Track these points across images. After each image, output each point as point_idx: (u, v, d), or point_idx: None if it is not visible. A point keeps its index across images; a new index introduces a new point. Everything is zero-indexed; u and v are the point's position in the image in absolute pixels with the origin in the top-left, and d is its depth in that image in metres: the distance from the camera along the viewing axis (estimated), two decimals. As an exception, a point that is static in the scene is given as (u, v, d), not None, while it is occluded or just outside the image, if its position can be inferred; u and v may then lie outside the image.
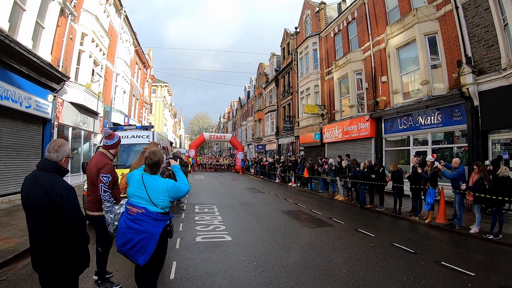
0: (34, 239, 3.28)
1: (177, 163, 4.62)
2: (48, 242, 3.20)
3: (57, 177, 3.31)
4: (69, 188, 3.29)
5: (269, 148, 42.85)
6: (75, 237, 3.29)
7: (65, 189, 3.22)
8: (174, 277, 5.72)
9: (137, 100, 34.52)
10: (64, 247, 3.24)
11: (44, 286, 3.35)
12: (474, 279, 5.94)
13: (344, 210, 13.90)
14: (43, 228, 3.19)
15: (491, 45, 12.10)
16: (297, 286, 5.56)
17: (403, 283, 5.75)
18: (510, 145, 12.00)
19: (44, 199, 3.13)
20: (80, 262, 3.47)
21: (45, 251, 3.22)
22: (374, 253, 7.67)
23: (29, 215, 3.26)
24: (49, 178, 3.23)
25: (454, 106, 14.00)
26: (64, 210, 3.14)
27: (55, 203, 3.12)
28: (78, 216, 3.25)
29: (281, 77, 38.54)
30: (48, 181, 3.20)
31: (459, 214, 9.92)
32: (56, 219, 3.16)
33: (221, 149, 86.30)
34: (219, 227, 9.93)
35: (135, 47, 31.93)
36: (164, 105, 58.36)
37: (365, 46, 20.87)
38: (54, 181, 3.22)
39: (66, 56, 16.03)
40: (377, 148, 19.52)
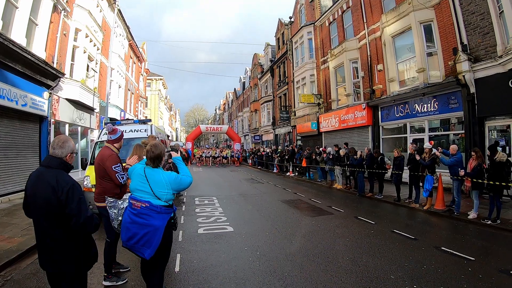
0: (40, 237, 3.28)
1: (178, 155, 4.67)
2: (55, 240, 3.21)
3: (63, 173, 3.30)
4: (75, 183, 3.27)
5: (266, 139, 42.90)
6: (81, 232, 3.29)
7: (71, 185, 3.20)
8: (179, 269, 5.80)
9: (132, 94, 34.39)
10: (71, 244, 3.26)
11: (52, 284, 3.39)
12: (474, 264, 6.08)
13: (343, 198, 14.04)
14: (49, 226, 3.20)
15: (487, 32, 12.16)
16: (301, 274, 5.66)
17: (405, 268, 5.89)
18: (506, 131, 12.12)
19: (50, 196, 3.11)
20: (88, 258, 3.48)
21: (52, 249, 3.23)
22: (375, 240, 7.80)
23: (35, 213, 3.26)
24: (55, 174, 3.21)
25: (451, 94, 14.11)
26: (68, 205, 3.12)
27: (61, 199, 3.10)
28: (83, 211, 3.21)
29: (277, 67, 38.49)
30: (53, 177, 3.18)
31: (457, 200, 10.07)
32: (62, 216, 3.15)
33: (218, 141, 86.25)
34: (220, 218, 10.02)
35: (129, 41, 31.69)
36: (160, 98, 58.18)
37: (361, 35, 20.88)
38: (60, 177, 3.21)
39: (60, 53, 15.90)
40: (374, 136, 19.67)
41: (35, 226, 3.27)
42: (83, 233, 3.33)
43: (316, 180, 19.78)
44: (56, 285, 3.37)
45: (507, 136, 12.00)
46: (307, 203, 12.74)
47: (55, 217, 3.16)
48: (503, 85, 11.51)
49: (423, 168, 11.01)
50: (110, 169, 5.17)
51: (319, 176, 19.85)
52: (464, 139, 13.64)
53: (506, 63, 11.18)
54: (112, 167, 5.17)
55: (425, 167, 10.86)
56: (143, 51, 41.57)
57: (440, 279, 5.39)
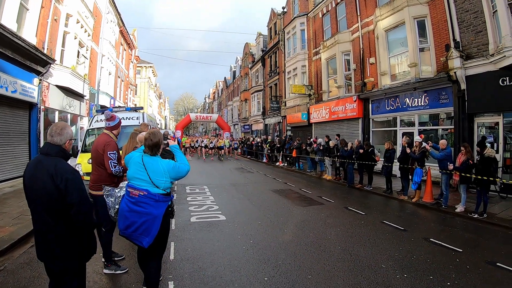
0: (37, 227, 3.22)
1: (175, 143, 4.71)
2: (53, 230, 3.14)
3: (62, 161, 3.23)
4: (74, 171, 3.21)
5: (255, 128, 42.99)
6: (80, 223, 3.21)
7: (70, 173, 3.14)
8: (174, 258, 5.88)
9: (122, 81, 34.05)
10: (69, 235, 3.19)
11: (51, 274, 3.35)
12: (461, 255, 6.32)
13: (333, 189, 14.26)
14: (47, 215, 3.12)
15: (480, 31, 12.34)
16: (294, 263, 5.83)
17: (395, 258, 6.10)
18: (494, 128, 12.38)
19: (48, 184, 3.05)
20: (87, 249, 3.44)
21: (49, 240, 3.16)
22: (366, 230, 8.03)
23: (33, 203, 3.18)
24: (54, 162, 3.15)
25: (442, 89, 14.32)
26: (69, 194, 3.06)
27: (60, 187, 3.04)
28: (84, 200, 3.17)
29: (268, 57, 38.38)
30: (52, 165, 3.12)
31: (446, 194, 10.32)
32: (61, 205, 3.08)
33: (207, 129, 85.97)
34: (212, 207, 10.14)
35: (120, 28, 31.24)
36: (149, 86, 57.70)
37: (354, 28, 20.91)
38: (58, 165, 3.15)
39: (51, 38, 15.62)
40: (364, 129, 19.85)
41: (33, 217, 3.22)
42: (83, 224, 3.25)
43: (306, 171, 19.97)
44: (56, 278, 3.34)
45: (495, 133, 12.26)
46: (298, 193, 12.93)
47: (54, 207, 3.10)
48: (493, 83, 11.73)
49: (413, 161, 11.23)
50: (106, 155, 5.18)
51: (308, 167, 20.01)
52: (453, 134, 13.88)
53: (497, 61, 11.37)
54: (108, 153, 5.17)
55: (415, 160, 11.08)
56: (133, 38, 41.13)
57: (429, 269, 5.61)
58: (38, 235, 3.22)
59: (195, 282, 4.98)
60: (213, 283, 4.97)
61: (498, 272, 5.55)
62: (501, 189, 11.21)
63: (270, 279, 5.12)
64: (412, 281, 5.12)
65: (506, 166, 11.87)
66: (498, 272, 5.55)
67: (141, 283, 4.78)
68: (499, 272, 5.57)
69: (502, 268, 5.69)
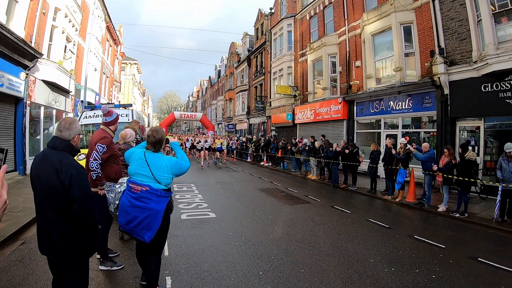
0: (41, 221, 3.21)
1: (175, 140, 4.82)
2: (56, 224, 3.12)
3: (68, 155, 3.22)
4: (79, 167, 3.19)
5: (239, 128, 43.08)
6: (83, 219, 3.18)
7: (75, 168, 3.12)
8: (168, 254, 5.96)
9: (107, 78, 33.51)
10: (73, 232, 3.19)
11: (54, 269, 3.34)
12: (444, 251, 6.67)
13: (318, 188, 14.56)
14: (51, 212, 3.11)
15: (464, 38, 12.79)
16: (287, 258, 6.04)
17: (382, 253, 6.40)
18: (475, 132, 12.86)
19: (53, 179, 3.03)
20: (91, 246, 3.45)
21: (54, 238, 3.14)
22: (352, 227, 8.32)
23: (38, 198, 3.18)
24: (59, 156, 3.15)
25: (425, 93, 14.75)
26: (72, 189, 3.03)
27: (64, 183, 3.02)
28: (87, 196, 3.16)
29: (254, 57, 38.54)
30: (58, 160, 3.11)
31: (428, 194, 10.72)
32: (65, 201, 3.06)
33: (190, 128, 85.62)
34: (201, 204, 10.24)
35: (107, 23, 30.73)
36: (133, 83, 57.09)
37: (341, 31, 21.23)
38: (64, 159, 3.13)
39: (38, 32, 15.26)
40: (348, 130, 20.20)
41: (38, 214, 3.21)
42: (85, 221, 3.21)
43: (291, 171, 20.24)
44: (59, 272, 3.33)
45: (476, 137, 12.74)
46: (284, 192, 13.17)
47: (59, 203, 3.08)
48: (476, 89, 12.21)
49: (397, 161, 11.59)
50: (95, 146, 5.14)
51: (293, 167, 20.29)
52: (435, 137, 14.35)
53: (480, 68, 11.81)
54: (97, 145, 5.12)
55: (399, 161, 11.44)
56: (119, 34, 40.70)
57: (415, 263, 5.92)
58: (43, 232, 3.21)
59: (192, 277, 5.08)
60: (210, 277, 5.09)
61: (479, 267, 5.90)
62: (481, 190, 11.70)
63: (265, 273, 5.30)
64: (399, 274, 5.41)
65: (486, 168, 12.37)
66: (480, 267, 5.90)
67: (138, 278, 4.88)
68: (481, 266, 5.92)
69: (483, 262, 6.04)
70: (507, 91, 11.28)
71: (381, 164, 12.76)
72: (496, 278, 5.42)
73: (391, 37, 16.23)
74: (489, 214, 9.35)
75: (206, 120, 41.90)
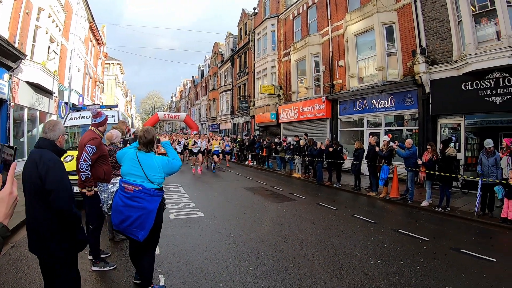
0: (30, 220, 3.31)
1: (167, 140, 4.91)
2: (44, 222, 3.23)
3: (49, 152, 3.34)
4: (57, 161, 3.31)
5: (223, 128, 43.03)
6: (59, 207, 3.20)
7: (52, 162, 3.24)
8: (160, 253, 5.99)
9: (90, 78, 33.09)
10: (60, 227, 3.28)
11: (45, 269, 3.42)
12: (428, 243, 6.91)
13: (303, 186, 14.72)
14: (34, 204, 3.24)
15: (445, 38, 13.13)
16: (276, 253, 6.17)
17: (368, 247, 6.58)
18: (456, 129, 13.22)
19: (34, 173, 3.17)
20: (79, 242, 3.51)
21: (41, 232, 3.24)
22: (338, 223, 8.50)
23: (26, 194, 3.29)
24: (41, 152, 3.30)
25: (407, 92, 15.06)
26: (48, 181, 3.14)
27: (41, 175, 3.13)
28: (62, 187, 3.22)
29: (237, 57, 38.54)
30: (38, 155, 3.26)
31: (411, 190, 10.98)
32: (44, 194, 3.16)
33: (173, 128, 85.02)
34: (189, 204, 10.29)
35: (90, 23, 30.36)
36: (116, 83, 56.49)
37: (324, 31, 21.45)
38: (44, 154, 3.27)
39: (22, 33, 15.07)
40: (332, 129, 20.47)
41: (27, 211, 3.31)
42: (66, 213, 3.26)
43: (275, 169, 20.38)
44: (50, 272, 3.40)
45: (457, 134, 13.10)
46: (270, 190, 13.28)
47: (37, 195, 3.20)
48: (456, 87, 12.55)
49: (380, 159, 11.83)
50: (84, 148, 5.19)
51: (278, 165, 20.47)
52: (417, 135, 14.67)
53: (460, 67, 12.14)
54: (86, 146, 5.17)
55: (382, 158, 11.68)
56: (102, 34, 40.24)
57: (400, 255, 6.11)
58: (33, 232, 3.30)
59: (184, 274, 5.17)
60: (202, 274, 5.18)
61: (462, 257, 6.14)
62: (463, 185, 12.07)
63: (255, 269, 5.41)
64: (385, 266, 5.59)
65: (468, 164, 12.75)
66: (462, 257, 6.14)
67: (131, 277, 4.93)
68: (463, 257, 6.16)
69: (465, 253, 6.29)
70: (487, 89, 11.63)
71: (364, 161, 13.01)
72: (478, 267, 5.65)
73: (373, 37, 16.49)
74: (470, 207, 9.66)
75: (190, 120, 41.71)
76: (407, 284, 4.93)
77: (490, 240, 7.42)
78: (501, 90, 11.26)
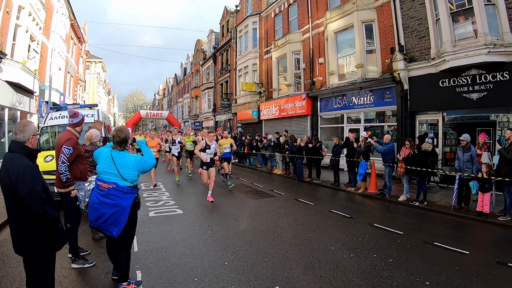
0: (11, 222, 3.40)
1: (142, 139, 4.93)
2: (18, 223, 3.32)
3: (20, 156, 3.34)
4: (26, 165, 3.29)
5: (206, 125, 42.80)
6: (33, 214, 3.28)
7: (22, 167, 3.24)
8: (138, 250, 6.04)
9: (72, 77, 32.31)
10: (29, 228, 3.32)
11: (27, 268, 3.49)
12: (402, 237, 6.97)
13: (284, 183, 14.69)
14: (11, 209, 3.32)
15: (423, 36, 13.29)
16: (251, 248, 6.19)
17: (343, 241, 6.61)
18: (436, 125, 13.41)
19: (6, 179, 3.21)
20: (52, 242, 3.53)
21: (18, 232, 3.34)
22: (315, 218, 8.53)
23: (5, 198, 3.34)
24: (12, 157, 3.31)
25: (386, 89, 15.18)
26: (19, 188, 3.16)
27: (11, 181, 3.17)
28: (32, 193, 3.21)
29: (219, 54, 38.39)
30: (9, 160, 3.28)
31: (389, 185, 11.10)
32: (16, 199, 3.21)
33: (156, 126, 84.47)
34: (169, 202, 10.26)
35: (71, 21, 29.60)
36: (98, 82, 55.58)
37: (305, 28, 21.49)
38: (15, 160, 3.28)
39: (2, 31, 14.68)
40: (312, 125, 20.55)
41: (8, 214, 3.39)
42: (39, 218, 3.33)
43: (257, 166, 20.39)
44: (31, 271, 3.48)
45: (435, 130, 13.30)
46: (250, 187, 13.28)
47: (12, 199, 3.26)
48: (434, 84, 12.72)
49: (359, 154, 11.90)
50: (61, 149, 5.18)
51: (259, 162, 20.44)
52: (396, 131, 14.83)
53: (438, 64, 12.30)
54: (63, 147, 5.18)
55: (360, 154, 11.75)
56: (84, 32, 39.54)
57: (373, 249, 6.14)
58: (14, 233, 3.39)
59: (160, 270, 5.21)
60: (178, 269, 5.22)
61: (435, 250, 6.19)
62: (441, 180, 12.25)
63: (230, 263, 5.46)
64: (358, 259, 5.61)
65: (446, 159, 12.99)
66: (435, 250, 6.20)
67: (109, 274, 4.98)
68: (436, 249, 6.22)
69: (438, 246, 6.35)
70: (464, 86, 11.80)
71: (343, 157, 13.05)
72: (451, 260, 5.69)
73: (353, 35, 16.58)
74: (447, 202, 9.75)
75: (173, 118, 41.53)
76: (378, 277, 4.95)
77: (464, 233, 7.49)
78: (478, 87, 11.44)
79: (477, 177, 8.59)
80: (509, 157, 8.11)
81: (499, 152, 8.55)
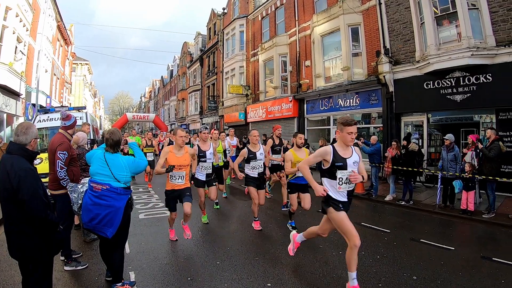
0: (4, 224, 3.38)
1: (134, 141, 5.02)
2: (16, 227, 3.29)
3: (20, 159, 3.32)
4: (27, 169, 3.29)
5: (192, 128, 42.66)
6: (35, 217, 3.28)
7: (23, 170, 3.23)
8: (129, 251, 6.06)
9: (58, 79, 31.92)
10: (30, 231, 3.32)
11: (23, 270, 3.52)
12: (389, 234, 7.15)
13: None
14: (9, 212, 3.29)
15: (408, 39, 13.57)
16: (242, 248, 6.33)
17: (331, 240, 6.68)
18: (421, 126, 13.67)
19: (6, 182, 3.18)
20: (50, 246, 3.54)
21: (15, 236, 3.31)
22: (303, 218, 8.59)
23: (1, 201, 3.33)
24: (12, 160, 3.28)
25: (372, 91, 15.40)
26: (20, 191, 3.14)
27: (13, 185, 3.14)
28: (34, 197, 3.22)
29: (206, 57, 38.31)
30: (10, 163, 3.24)
31: (375, 185, 11.31)
32: (17, 202, 3.20)
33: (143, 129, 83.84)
34: (158, 204, 10.26)
35: (58, 22, 29.19)
36: (85, 84, 55.08)
37: (291, 31, 21.61)
38: (15, 162, 3.25)
39: None
40: (299, 127, 20.61)
41: (3, 213, 3.35)
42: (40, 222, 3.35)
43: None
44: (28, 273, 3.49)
45: (421, 131, 13.57)
46: (238, 189, 13.32)
47: (12, 202, 3.23)
48: (419, 86, 12.96)
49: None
50: (56, 154, 5.19)
51: (246, 164, 20.41)
52: (382, 132, 15.03)
53: (422, 67, 12.58)
54: (58, 153, 5.19)
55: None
56: (70, 34, 39.12)
57: (361, 246, 6.06)
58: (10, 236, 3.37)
59: (153, 270, 5.26)
60: (171, 270, 5.30)
61: (421, 246, 6.38)
62: (427, 179, 12.53)
63: (222, 263, 5.57)
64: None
65: (431, 159, 13.27)
66: (421, 246, 6.38)
67: (103, 275, 5.01)
68: (422, 246, 6.40)
69: (424, 243, 6.54)
70: (448, 88, 12.06)
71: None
72: (436, 255, 5.87)
73: (339, 38, 16.72)
74: (433, 200, 10.02)
75: (159, 121, 41.14)
76: (366, 273, 5.10)
77: (449, 230, 7.73)
78: (461, 89, 11.70)
79: (461, 176, 8.81)
80: (491, 155, 8.36)
81: (480, 151, 8.79)
